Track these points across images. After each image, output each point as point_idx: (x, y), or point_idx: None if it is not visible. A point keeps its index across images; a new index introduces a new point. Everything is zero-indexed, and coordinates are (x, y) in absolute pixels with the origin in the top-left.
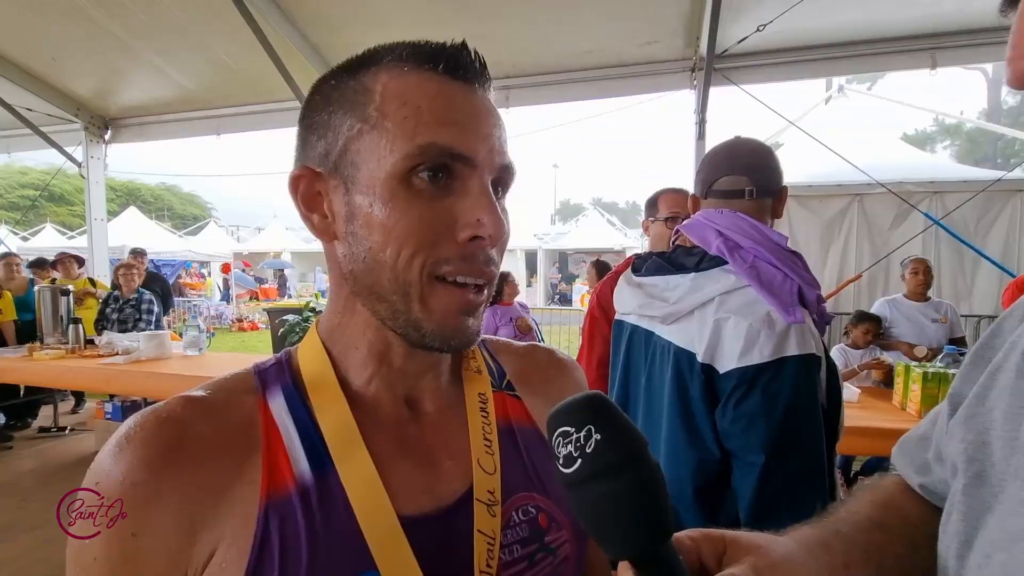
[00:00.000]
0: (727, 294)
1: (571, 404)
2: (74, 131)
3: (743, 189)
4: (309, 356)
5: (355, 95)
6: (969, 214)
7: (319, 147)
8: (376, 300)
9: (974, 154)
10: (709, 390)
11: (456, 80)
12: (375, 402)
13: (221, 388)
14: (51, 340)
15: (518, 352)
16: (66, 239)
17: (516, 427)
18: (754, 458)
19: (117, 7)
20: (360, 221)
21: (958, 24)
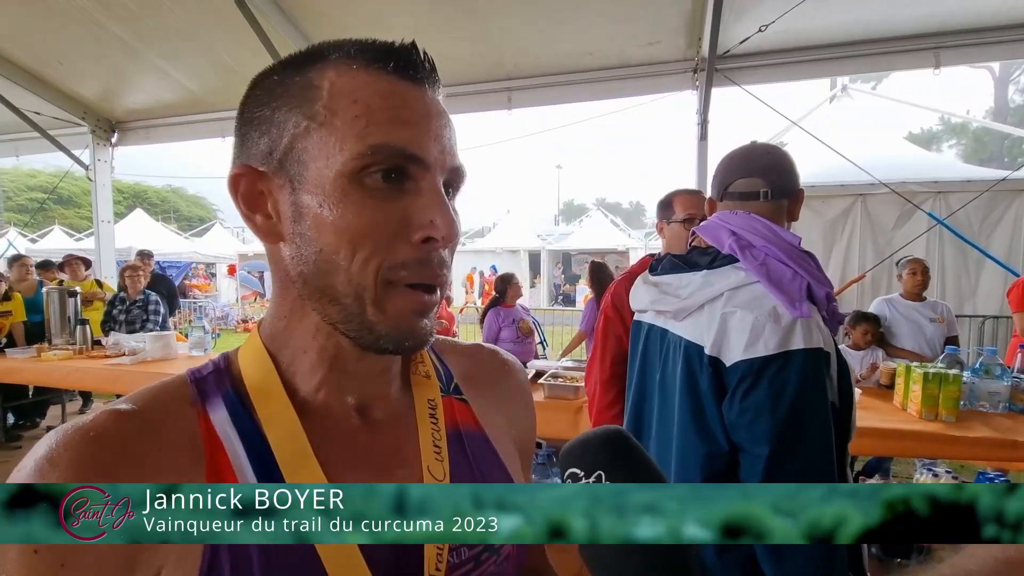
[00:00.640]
0: (736, 289)
1: (584, 443)
2: (81, 134)
3: (758, 191)
4: (252, 362)
5: (301, 91)
6: (973, 214)
7: (261, 144)
8: (328, 303)
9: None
10: (717, 383)
11: (407, 80)
12: (324, 410)
13: (154, 400)
14: (59, 341)
15: (464, 353)
16: (74, 241)
17: (464, 432)
18: (760, 450)
19: (122, 11)
20: (309, 222)
21: (962, 23)
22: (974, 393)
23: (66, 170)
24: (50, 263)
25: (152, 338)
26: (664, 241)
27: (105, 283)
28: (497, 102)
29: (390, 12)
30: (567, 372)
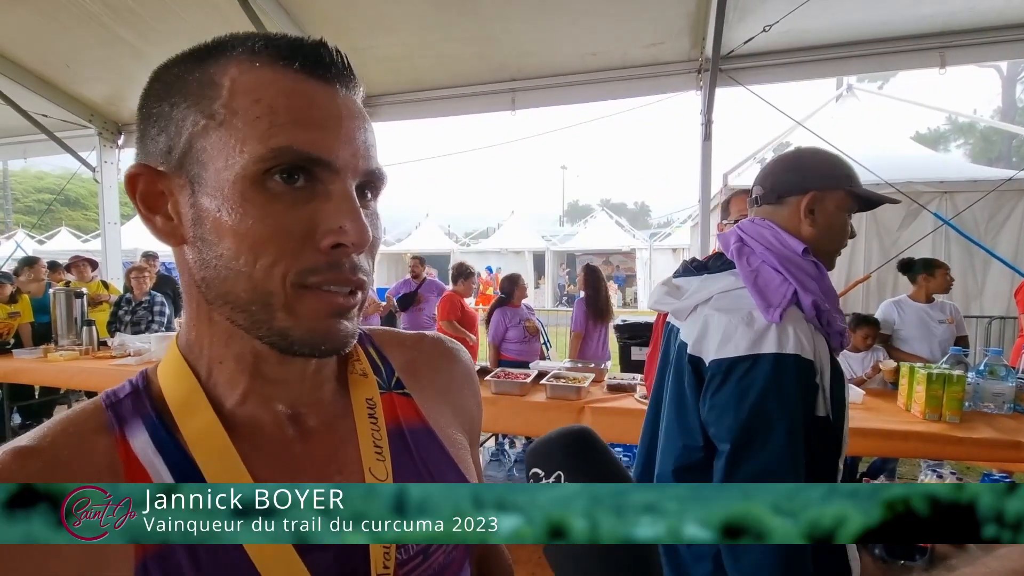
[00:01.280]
0: (724, 293)
1: (547, 443)
2: (88, 136)
3: (754, 197)
4: (172, 377)
5: (200, 87)
6: (980, 214)
7: (160, 142)
8: (232, 310)
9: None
10: (697, 380)
11: (315, 79)
12: (253, 423)
13: (62, 433)
14: (65, 342)
15: (406, 343)
16: (81, 242)
17: (406, 428)
18: (723, 447)
19: (130, 14)
20: (209, 225)
21: (967, 23)
22: (979, 394)
23: (73, 172)
24: (56, 264)
25: (157, 339)
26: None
27: (111, 284)
28: (501, 103)
29: (394, 15)
30: (569, 373)
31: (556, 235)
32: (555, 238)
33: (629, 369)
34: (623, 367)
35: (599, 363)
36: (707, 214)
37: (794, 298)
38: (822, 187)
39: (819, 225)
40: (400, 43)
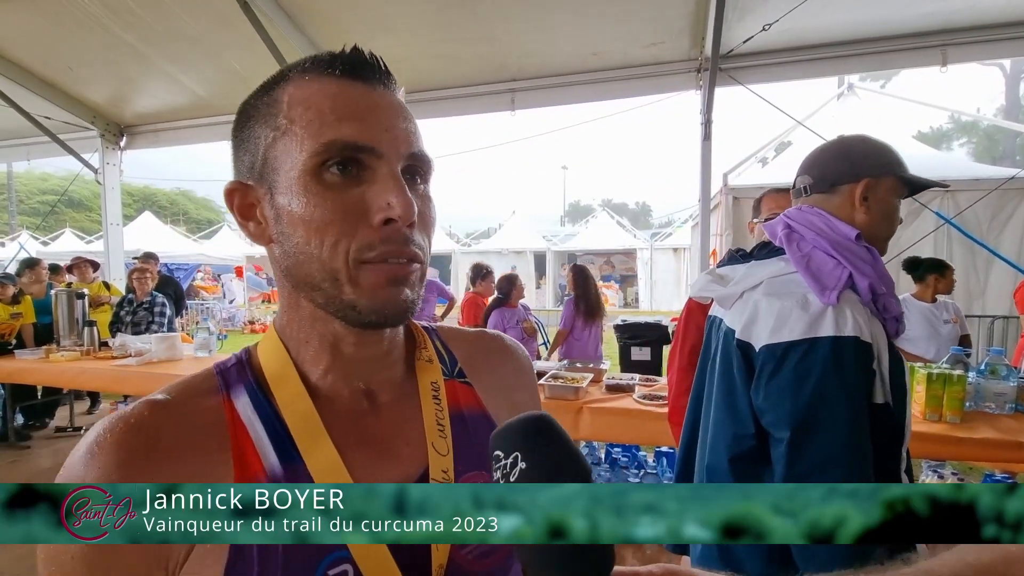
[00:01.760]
0: (774, 278)
1: (507, 426)
2: (90, 138)
3: (800, 187)
4: (269, 353)
5: (267, 108)
6: (982, 212)
7: (245, 160)
8: (312, 290)
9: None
10: (747, 366)
11: (354, 80)
12: (333, 394)
13: (185, 391)
14: (67, 342)
15: (468, 339)
16: (84, 243)
17: (467, 413)
18: (781, 434)
19: (131, 17)
20: (285, 220)
21: (968, 20)
22: (980, 394)
23: (76, 173)
24: (58, 267)
25: (157, 339)
26: (754, 240)
27: (112, 285)
28: (501, 103)
29: (394, 16)
30: (567, 373)
31: (557, 235)
32: (556, 238)
33: (629, 369)
34: (623, 367)
35: (597, 363)
36: (707, 214)
37: (849, 281)
38: (875, 174)
39: (873, 212)
40: (400, 44)
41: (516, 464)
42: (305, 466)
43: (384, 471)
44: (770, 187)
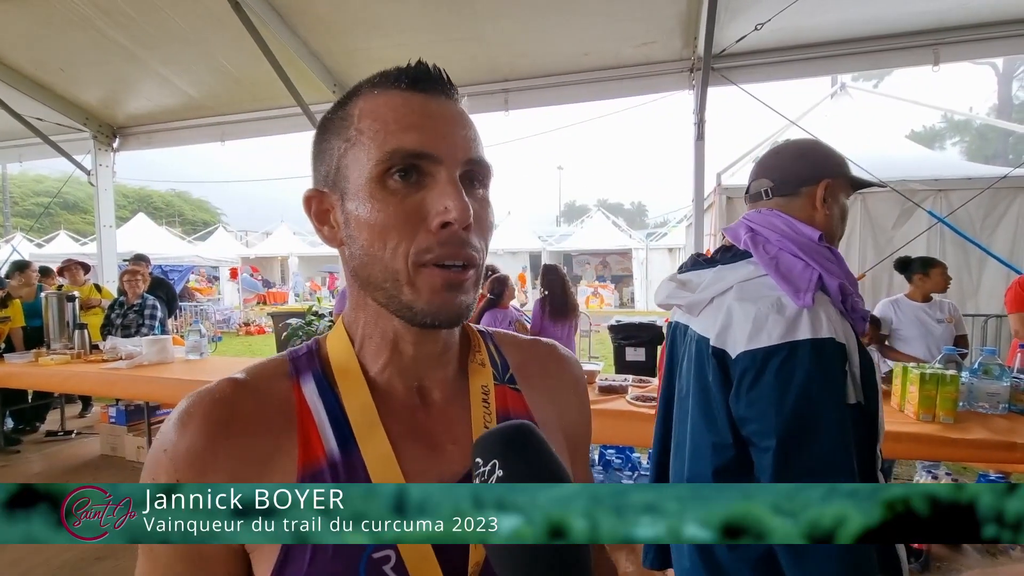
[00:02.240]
0: (744, 282)
1: (489, 434)
2: (83, 139)
3: (760, 191)
4: (336, 345)
5: (341, 122)
6: (975, 212)
7: (322, 170)
8: (375, 289)
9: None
10: (723, 375)
11: (418, 92)
12: (389, 389)
13: (261, 373)
14: (57, 345)
15: (522, 345)
16: (79, 246)
17: (514, 418)
18: (767, 443)
19: (123, 18)
20: (353, 224)
21: (960, 19)
22: (973, 394)
23: (69, 175)
24: (48, 270)
25: (148, 342)
26: None
27: (104, 288)
28: (494, 104)
29: (387, 16)
30: None
31: (553, 235)
32: (552, 238)
33: (624, 370)
34: (618, 368)
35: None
36: (700, 214)
37: (819, 282)
38: (833, 175)
39: (832, 212)
40: (393, 45)
41: (494, 471)
42: (360, 453)
43: (430, 467)
44: None
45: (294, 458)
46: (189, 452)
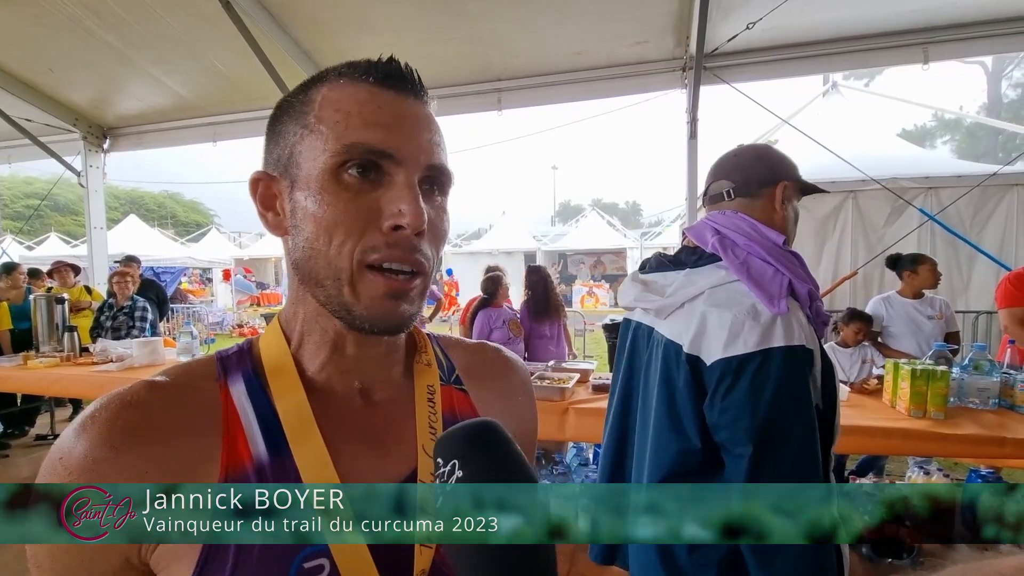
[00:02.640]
0: (716, 287)
1: (449, 433)
2: (73, 140)
3: (722, 192)
4: (270, 344)
5: (301, 106)
6: (965, 209)
7: (274, 153)
8: (315, 286)
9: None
10: (695, 381)
11: (386, 89)
12: (329, 389)
13: (183, 374)
14: (46, 348)
15: (468, 348)
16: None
17: (460, 418)
18: (742, 450)
19: (112, 18)
20: (300, 214)
21: (949, 18)
22: (963, 389)
23: (59, 176)
24: (38, 272)
25: (139, 344)
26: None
27: (95, 290)
28: (487, 103)
29: (378, 15)
30: (553, 374)
31: (547, 235)
32: (546, 238)
33: None
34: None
35: (558, 363)
36: (694, 213)
37: (790, 288)
38: (789, 177)
39: (788, 214)
40: (385, 44)
41: (453, 472)
42: (293, 458)
43: (372, 468)
44: None
45: (217, 465)
46: (86, 460)
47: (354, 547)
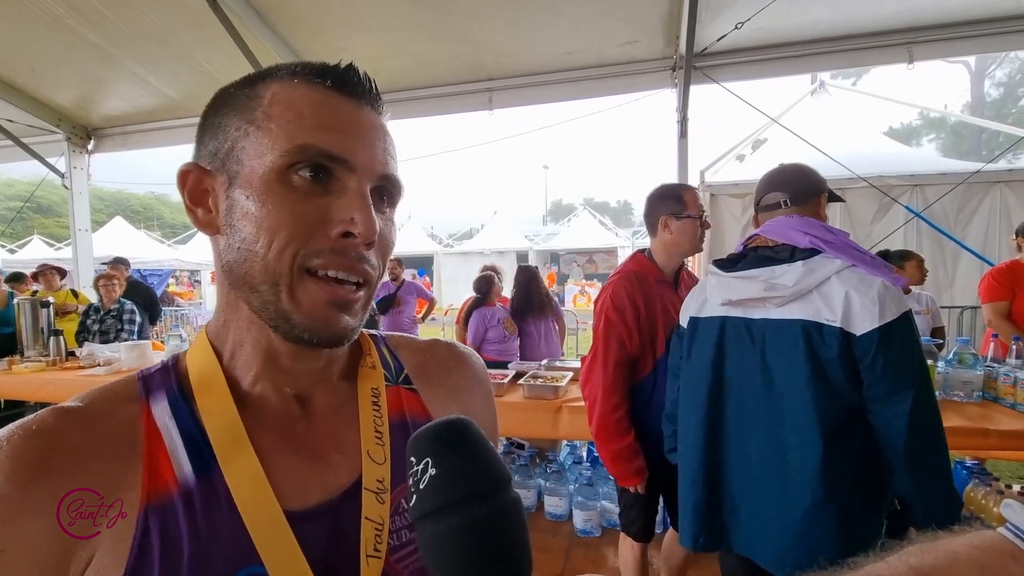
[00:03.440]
0: (841, 273)
1: (420, 432)
2: (56, 142)
3: (778, 201)
4: (197, 358)
5: (247, 100)
6: (950, 206)
7: (210, 146)
8: (248, 291)
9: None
10: (845, 350)
11: (342, 94)
12: (262, 401)
13: (98, 397)
14: (31, 353)
15: (419, 347)
16: (54, 250)
17: (410, 419)
18: (905, 394)
19: (96, 16)
20: (237, 214)
21: (933, 18)
22: (948, 383)
23: (42, 178)
24: (21, 275)
25: (127, 348)
26: (670, 236)
27: (80, 293)
28: (478, 103)
29: (368, 14)
30: (547, 373)
31: (539, 235)
32: (538, 237)
33: None
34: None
35: (552, 361)
36: None
37: None
38: (826, 189)
39: (826, 217)
40: (375, 43)
41: (426, 471)
42: (222, 475)
43: (311, 481)
44: (753, 185)
45: (137, 490)
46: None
47: (293, 566)
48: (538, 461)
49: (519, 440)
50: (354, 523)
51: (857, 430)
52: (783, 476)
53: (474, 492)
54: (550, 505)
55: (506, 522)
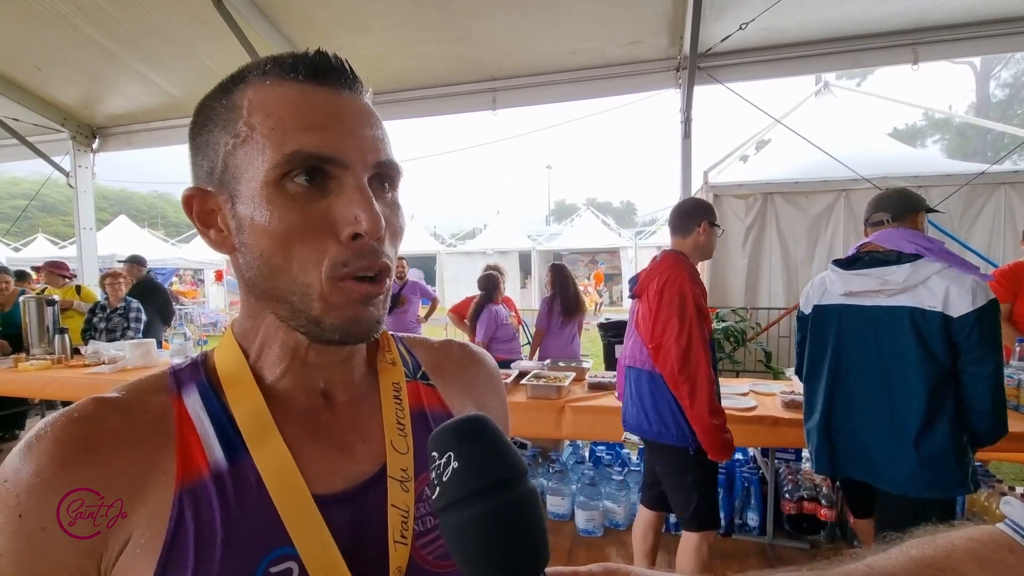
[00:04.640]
0: (941, 271)
1: (442, 428)
2: (61, 140)
3: (883, 219)
4: (225, 355)
5: (227, 112)
6: (954, 207)
7: (204, 166)
8: (276, 303)
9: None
10: (944, 328)
11: (318, 85)
12: (288, 395)
13: (134, 388)
14: (37, 351)
15: (433, 347)
16: (58, 249)
17: (429, 412)
18: (991, 357)
19: (100, 15)
20: (247, 231)
21: (938, 19)
22: None
23: (47, 177)
24: (25, 274)
25: (132, 346)
26: (703, 240)
27: (84, 288)
28: (481, 103)
29: (370, 14)
30: (550, 372)
31: (542, 235)
32: (541, 237)
33: (613, 367)
34: (607, 365)
35: (572, 361)
36: None
37: None
38: (924, 206)
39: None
40: (378, 43)
41: (449, 464)
42: (252, 460)
43: (337, 467)
44: (756, 186)
45: (172, 475)
46: (34, 479)
47: (323, 548)
48: (540, 461)
49: (522, 440)
50: (378, 509)
51: (947, 385)
52: (890, 421)
53: (496, 481)
54: (552, 505)
55: (526, 509)
